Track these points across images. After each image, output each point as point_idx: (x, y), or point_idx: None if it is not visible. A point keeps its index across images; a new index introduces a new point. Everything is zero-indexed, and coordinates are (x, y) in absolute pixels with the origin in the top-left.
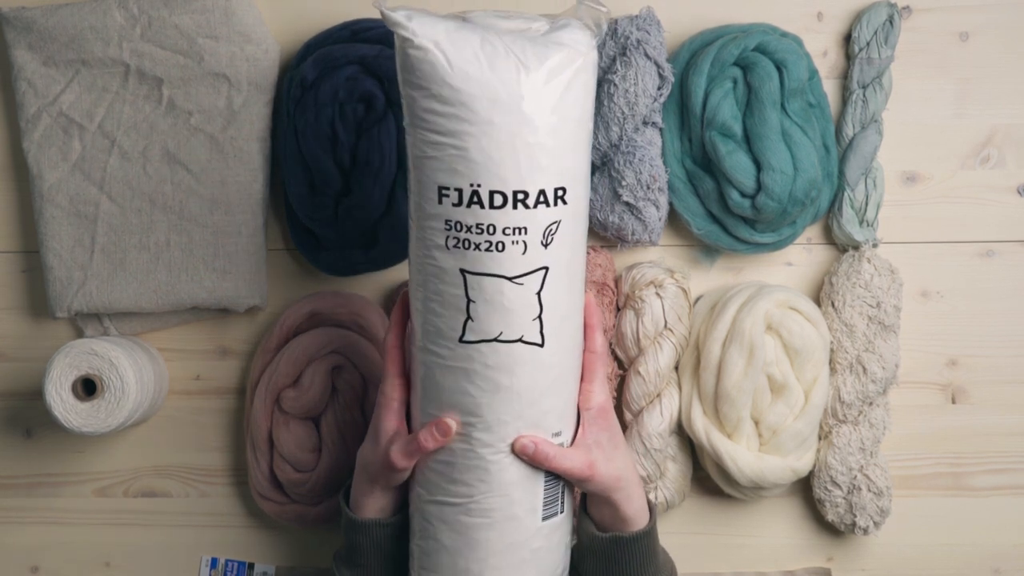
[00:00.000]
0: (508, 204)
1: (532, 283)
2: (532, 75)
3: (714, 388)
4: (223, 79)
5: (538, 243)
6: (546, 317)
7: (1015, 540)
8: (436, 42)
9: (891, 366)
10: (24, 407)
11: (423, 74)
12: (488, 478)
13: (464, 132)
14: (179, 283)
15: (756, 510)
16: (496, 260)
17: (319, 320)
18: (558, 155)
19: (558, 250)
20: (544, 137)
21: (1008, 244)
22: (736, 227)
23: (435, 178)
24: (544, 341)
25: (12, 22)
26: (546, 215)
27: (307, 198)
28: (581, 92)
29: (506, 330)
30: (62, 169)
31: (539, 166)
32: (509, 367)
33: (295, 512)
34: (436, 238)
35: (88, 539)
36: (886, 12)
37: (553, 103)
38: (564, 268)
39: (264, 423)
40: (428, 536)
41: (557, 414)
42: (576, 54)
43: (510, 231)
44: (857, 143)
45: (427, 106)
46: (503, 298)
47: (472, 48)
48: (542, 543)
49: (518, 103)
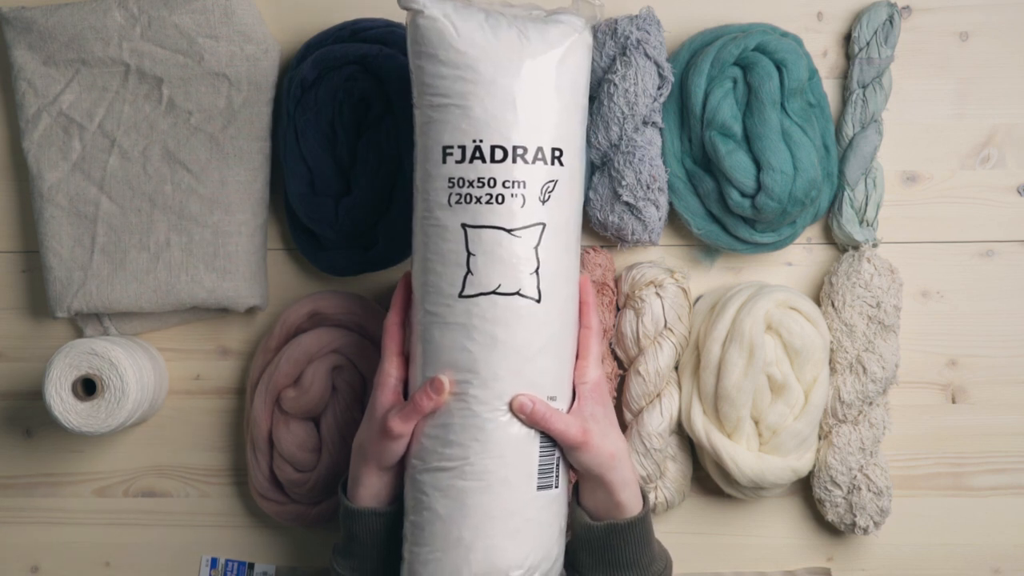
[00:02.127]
0: (508, 158)
1: (530, 237)
2: (532, 44)
3: (714, 388)
4: (223, 79)
5: (536, 199)
6: (543, 273)
7: (1015, 540)
8: (445, 13)
9: (891, 366)
10: (24, 407)
11: (431, 42)
12: (483, 436)
13: (468, 92)
14: (179, 283)
15: (756, 510)
16: (496, 212)
17: (319, 320)
18: (556, 119)
19: (555, 210)
20: (543, 99)
21: (1008, 244)
22: (736, 227)
23: (440, 139)
24: (541, 296)
25: (12, 22)
26: (544, 172)
27: (307, 198)
28: (575, 66)
29: (504, 282)
30: (62, 169)
31: (538, 125)
32: (506, 320)
33: (295, 512)
34: (439, 197)
35: (88, 539)
36: (886, 12)
37: (551, 70)
38: (561, 228)
39: (264, 423)
40: (421, 508)
41: (552, 376)
42: (571, 30)
43: (510, 184)
44: (857, 143)
45: (434, 71)
46: (502, 250)
47: (477, 20)
48: (535, 515)
49: (519, 66)
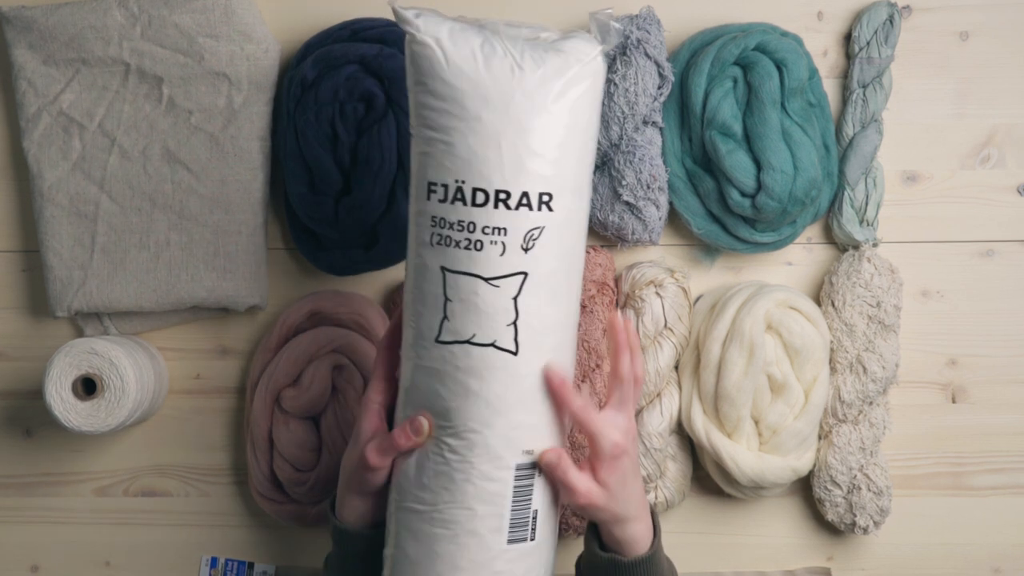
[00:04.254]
0: (489, 203)
1: (509, 287)
2: (526, 77)
3: (714, 387)
4: (223, 78)
5: (518, 246)
6: (522, 325)
7: (1015, 540)
8: (437, 39)
9: (891, 366)
10: (24, 407)
11: (422, 69)
12: (452, 487)
13: (453, 128)
14: (179, 282)
15: (756, 510)
16: (474, 259)
17: (319, 319)
18: (546, 160)
19: (540, 258)
20: (531, 140)
21: (1008, 244)
22: (736, 226)
23: (426, 174)
24: (518, 349)
25: (12, 21)
26: (528, 219)
27: (307, 198)
28: (577, 100)
29: (479, 332)
30: (62, 168)
31: (524, 168)
32: (479, 372)
33: (295, 512)
34: (424, 235)
35: (88, 539)
36: (886, 12)
37: (544, 107)
38: (546, 277)
39: (264, 423)
40: (396, 545)
41: (530, 431)
42: (574, 61)
43: (490, 230)
44: (857, 143)
45: (424, 101)
46: (478, 299)
47: (471, 47)
48: (505, 567)
49: (507, 103)
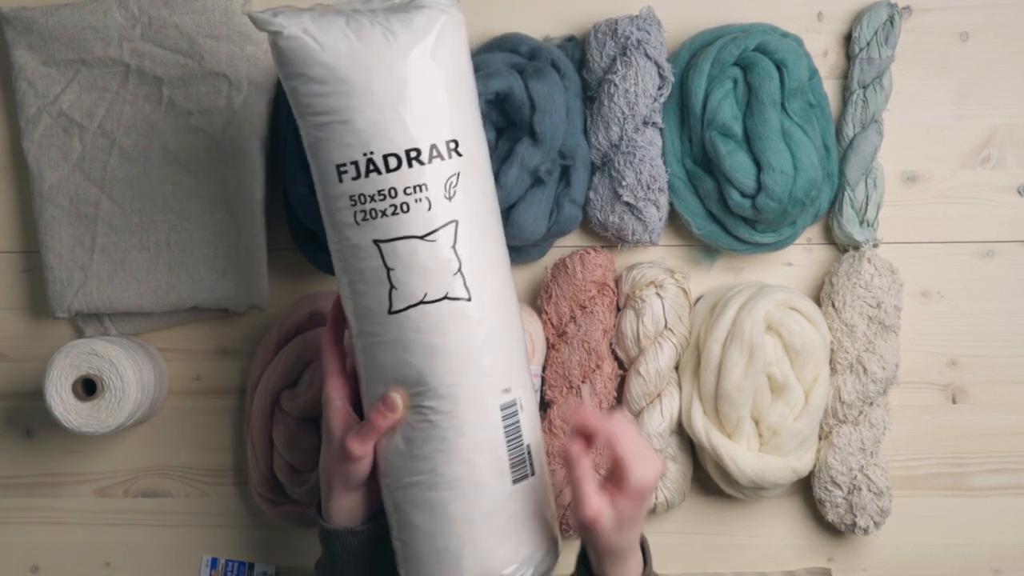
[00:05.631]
0: (403, 164)
1: (445, 238)
2: (400, 39)
3: (714, 388)
4: (223, 79)
5: (441, 197)
6: (467, 270)
7: (1015, 540)
8: (304, 28)
9: (891, 366)
10: (24, 407)
11: (297, 60)
12: (446, 446)
13: (346, 106)
14: (179, 283)
15: (756, 510)
16: (404, 222)
17: (319, 320)
18: (443, 109)
19: (465, 202)
20: (424, 93)
21: (1008, 244)
22: (736, 227)
23: (330, 158)
24: (470, 294)
25: (12, 22)
26: (443, 168)
27: (307, 198)
28: (452, 48)
29: (429, 290)
30: (62, 169)
31: (425, 122)
32: (440, 327)
33: (295, 512)
34: (345, 217)
35: (88, 539)
36: (886, 12)
37: (426, 61)
38: (475, 219)
39: (264, 423)
40: (403, 525)
41: (501, 371)
42: (438, 11)
43: (411, 190)
44: (857, 143)
45: (307, 90)
46: (419, 258)
47: (338, 27)
48: (518, 508)
49: (390, 66)
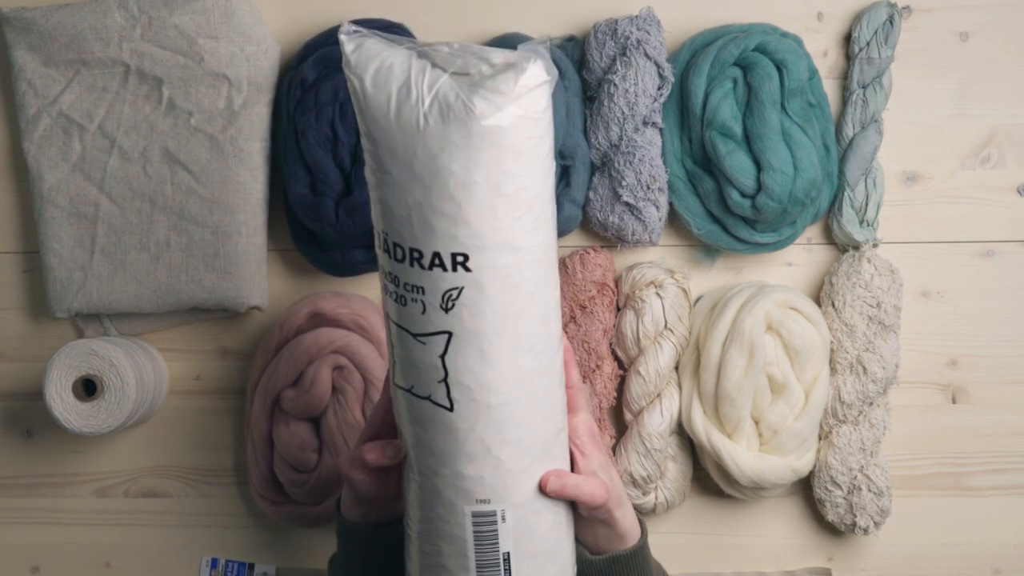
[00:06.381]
0: (406, 260)
1: (435, 345)
2: (429, 131)
3: (714, 388)
4: (223, 79)
5: (437, 306)
6: (452, 383)
7: (1015, 540)
8: (361, 79)
9: (891, 366)
10: (24, 407)
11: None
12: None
13: (375, 175)
14: (179, 283)
15: (756, 510)
16: (401, 313)
17: (320, 320)
18: (457, 220)
19: (464, 317)
20: (437, 199)
21: (1008, 244)
22: (736, 227)
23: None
24: (453, 406)
25: (12, 22)
26: (443, 279)
27: (307, 199)
28: (501, 149)
29: (416, 385)
30: (62, 169)
31: (432, 228)
32: (421, 422)
33: (295, 512)
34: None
35: (88, 539)
36: (886, 12)
37: (454, 160)
38: (474, 338)
39: (264, 423)
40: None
41: (481, 483)
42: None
43: (409, 288)
44: (857, 143)
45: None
46: (410, 353)
47: (389, 91)
48: None
49: (411, 160)
